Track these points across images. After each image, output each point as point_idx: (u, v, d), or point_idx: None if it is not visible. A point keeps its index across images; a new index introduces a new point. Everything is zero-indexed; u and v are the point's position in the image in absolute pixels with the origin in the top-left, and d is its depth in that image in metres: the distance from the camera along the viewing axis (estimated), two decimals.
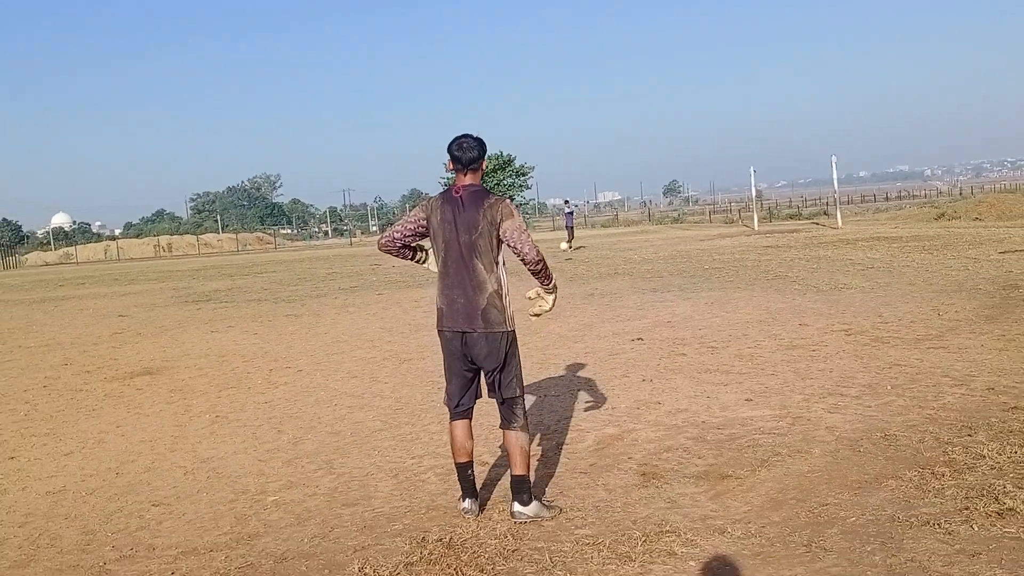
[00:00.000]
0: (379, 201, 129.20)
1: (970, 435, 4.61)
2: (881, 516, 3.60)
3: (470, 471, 3.98)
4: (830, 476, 4.16)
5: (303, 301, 15.34)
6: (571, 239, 29.09)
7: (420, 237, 4.02)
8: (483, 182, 3.94)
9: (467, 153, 3.86)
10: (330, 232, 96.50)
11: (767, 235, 28.24)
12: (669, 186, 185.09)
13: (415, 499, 4.26)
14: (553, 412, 5.80)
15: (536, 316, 4.12)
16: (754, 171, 37.88)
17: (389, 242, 4.03)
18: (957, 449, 4.38)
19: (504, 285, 3.86)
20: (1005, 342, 7.12)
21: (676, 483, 4.22)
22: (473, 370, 3.93)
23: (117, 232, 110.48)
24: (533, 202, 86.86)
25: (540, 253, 3.85)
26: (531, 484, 3.95)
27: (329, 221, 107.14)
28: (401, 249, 4.04)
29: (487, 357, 3.84)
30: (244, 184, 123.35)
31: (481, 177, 3.92)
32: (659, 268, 17.22)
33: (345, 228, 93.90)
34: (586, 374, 6.96)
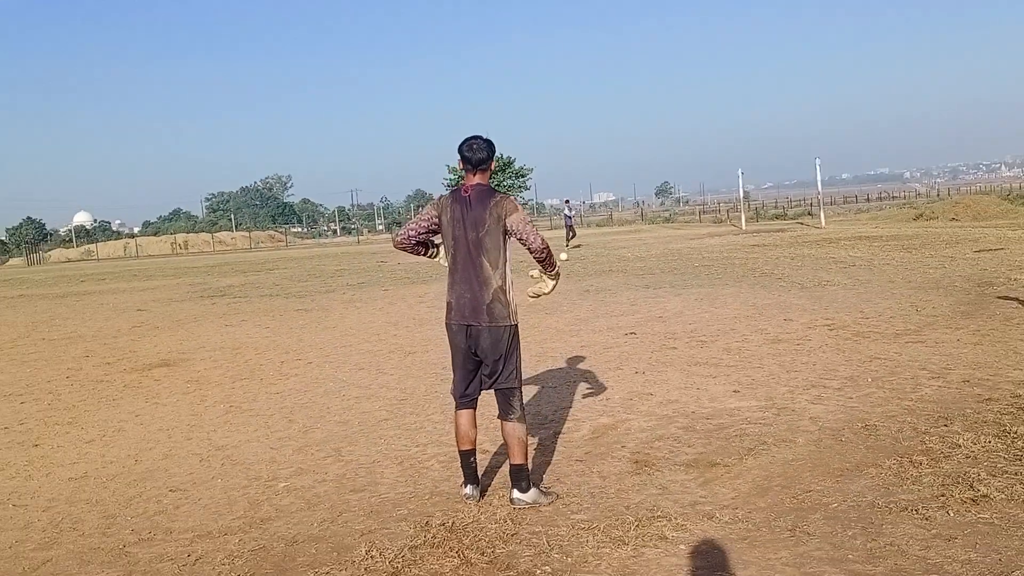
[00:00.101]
0: (385, 201, 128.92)
1: (946, 425, 4.62)
2: (862, 502, 3.61)
3: (472, 459, 3.99)
4: (813, 464, 4.16)
5: (313, 296, 15.33)
6: (570, 239, 28.40)
7: (433, 234, 4.04)
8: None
9: (476, 154, 3.88)
10: (338, 231, 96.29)
11: (754, 234, 28.20)
12: (661, 187, 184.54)
13: (419, 485, 4.27)
14: (550, 403, 5.80)
15: (535, 297, 4.12)
16: (742, 173, 37.82)
17: (404, 239, 4.05)
18: (934, 439, 4.39)
19: (509, 281, 3.87)
20: (980, 337, 7.12)
21: (667, 470, 4.23)
22: (477, 362, 3.94)
23: (136, 230, 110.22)
24: (532, 202, 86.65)
25: (545, 242, 3.90)
26: (529, 472, 3.95)
27: (337, 220, 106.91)
28: (416, 246, 4.07)
29: (490, 349, 3.85)
30: (257, 184, 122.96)
31: (489, 177, 3.94)
32: (651, 266, 17.21)
33: (353, 227, 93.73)
34: (582, 367, 6.96)
